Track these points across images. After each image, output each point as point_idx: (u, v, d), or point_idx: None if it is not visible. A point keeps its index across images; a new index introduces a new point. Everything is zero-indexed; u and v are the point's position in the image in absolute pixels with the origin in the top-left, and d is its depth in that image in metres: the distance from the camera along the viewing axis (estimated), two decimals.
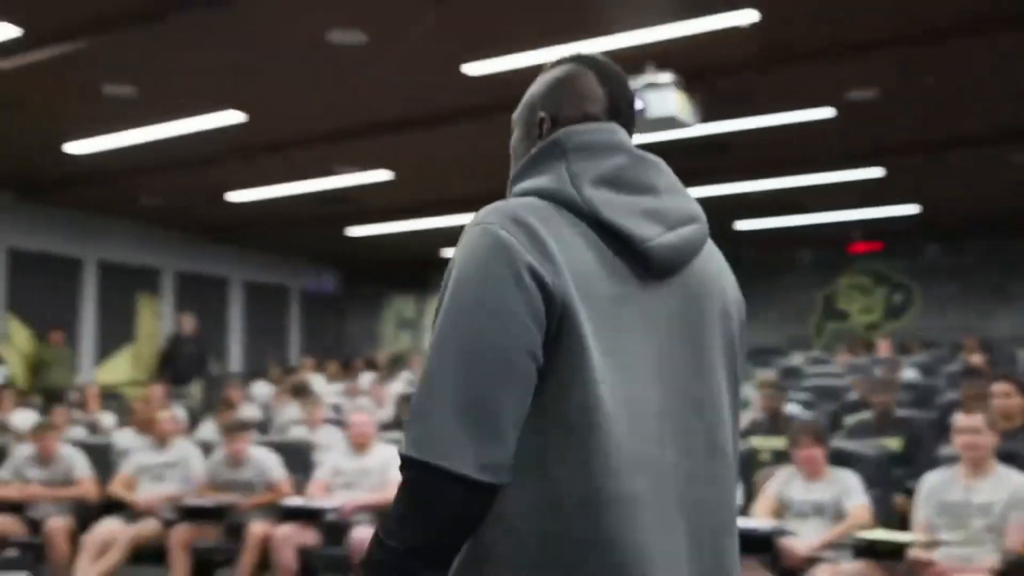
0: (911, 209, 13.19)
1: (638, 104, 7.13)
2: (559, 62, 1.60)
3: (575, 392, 1.28)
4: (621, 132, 1.50)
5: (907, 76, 7.95)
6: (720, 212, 13.27)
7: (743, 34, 6.91)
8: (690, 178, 10.89)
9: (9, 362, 11.40)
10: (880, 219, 13.71)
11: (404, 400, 8.64)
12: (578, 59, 1.58)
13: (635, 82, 7.28)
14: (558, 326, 1.29)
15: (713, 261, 1.52)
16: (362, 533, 5.39)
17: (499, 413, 1.25)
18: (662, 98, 7.31)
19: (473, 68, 7.62)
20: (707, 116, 7.77)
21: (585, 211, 1.37)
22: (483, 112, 8.73)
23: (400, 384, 11.49)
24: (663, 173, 1.48)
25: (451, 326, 1.29)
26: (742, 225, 14.30)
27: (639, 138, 7.29)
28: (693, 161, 10.59)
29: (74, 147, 9.65)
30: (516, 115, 1.62)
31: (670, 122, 7.47)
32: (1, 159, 10.49)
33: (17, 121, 9.01)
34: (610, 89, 1.54)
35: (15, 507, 6.12)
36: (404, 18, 6.73)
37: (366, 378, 11.34)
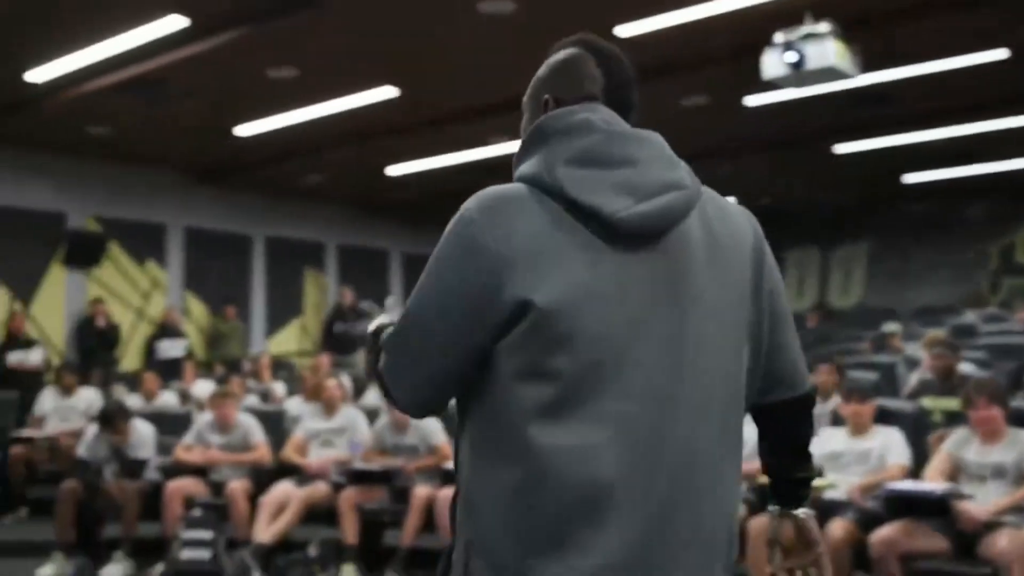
0: None
1: (793, 56, 7.02)
2: (562, 46, 1.68)
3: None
4: (602, 111, 1.56)
5: None
6: (887, 165, 12.77)
7: None
8: (853, 132, 10.61)
9: (188, 335, 12.12)
10: None
11: None
12: (578, 42, 1.66)
13: (792, 33, 7.08)
14: (517, 301, 1.40)
15: (708, 222, 1.53)
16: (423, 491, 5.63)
17: (425, 367, 1.51)
18: (821, 49, 7.09)
19: (625, 30, 7.55)
20: (869, 65, 7.47)
21: (555, 191, 1.45)
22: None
23: None
24: (645, 146, 1.53)
25: (413, 293, 1.51)
26: (910, 178, 13.69)
27: (800, 91, 7.08)
28: (856, 113, 10.22)
29: (243, 130, 10.11)
30: (525, 99, 1.70)
31: (830, 73, 7.25)
32: (179, 145, 11.09)
33: (191, 108, 9.45)
34: (606, 69, 1.62)
35: (199, 470, 6.56)
36: None
37: None
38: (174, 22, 7.19)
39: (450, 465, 1.68)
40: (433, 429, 6.09)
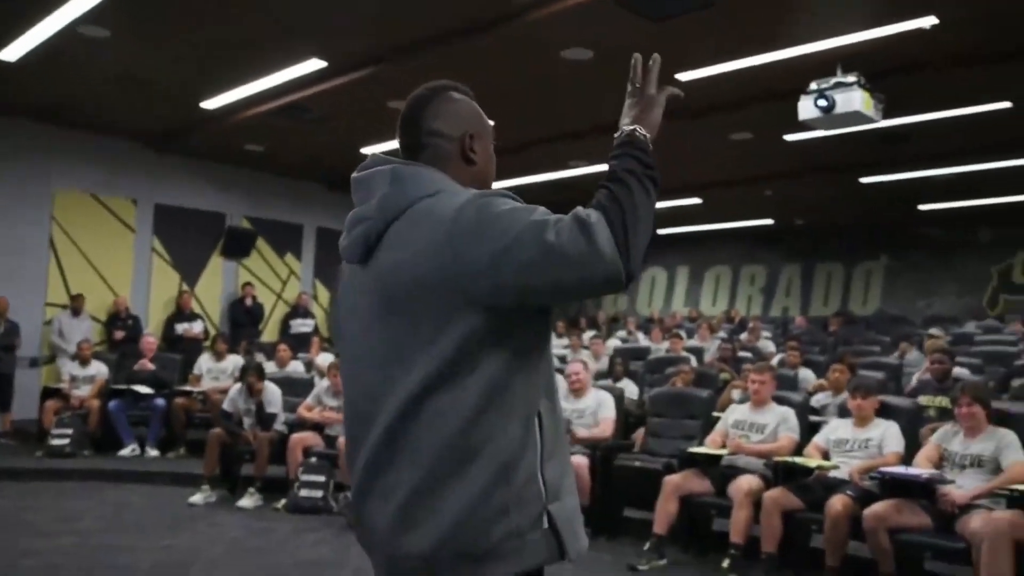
0: None
1: (824, 102, 6.91)
2: None
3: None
4: (367, 160, 1.60)
5: None
6: (905, 195, 12.40)
7: (924, 37, 6.43)
8: (876, 166, 10.36)
9: (316, 316, 12.44)
10: None
11: (618, 354, 8.73)
12: None
13: (824, 82, 6.97)
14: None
15: (398, 241, 1.47)
16: (577, 460, 5.48)
17: None
18: (848, 96, 6.96)
19: (684, 76, 7.52)
20: (890, 111, 7.29)
21: None
22: (691, 113, 8.61)
23: (615, 341, 11.58)
24: (360, 189, 1.57)
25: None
26: (925, 207, 13.28)
27: (829, 133, 6.96)
28: (879, 150, 9.96)
29: (367, 150, 10.31)
30: None
31: (856, 117, 7.12)
32: (314, 161, 11.36)
33: (324, 131, 9.69)
34: (403, 118, 1.62)
35: (317, 426, 6.76)
36: (624, 36, 6.75)
37: (587, 335, 11.49)
38: (315, 64, 7.41)
39: None
40: None
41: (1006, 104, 8.00)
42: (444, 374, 1.40)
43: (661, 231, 15.97)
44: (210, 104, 8.62)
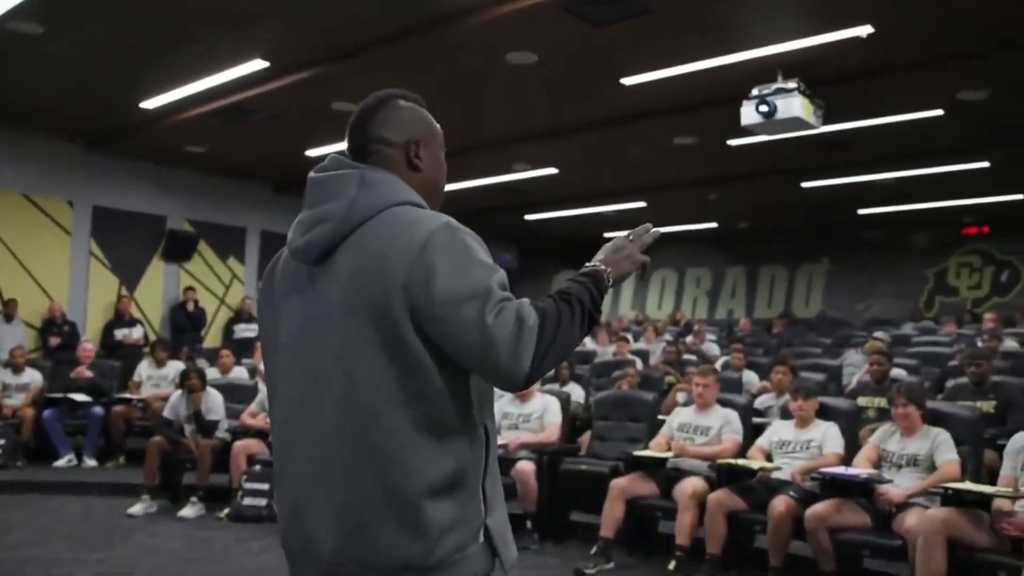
0: (1015, 196, 12.15)
1: (765, 108, 7.03)
2: None
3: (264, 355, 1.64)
4: (329, 159, 1.60)
5: (1014, 76, 7.37)
6: (846, 199, 12.69)
7: (860, 45, 6.58)
8: (817, 171, 10.60)
9: None
10: (988, 204, 12.70)
11: None
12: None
13: (766, 88, 7.09)
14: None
15: (362, 248, 1.46)
16: (524, 466, 5.54)
17: None
18: (788, 102, 7.10)
19: (629, 80, 7.57)
20: (830, 117, 7.45)
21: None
22: (635, 117, 8.70)
23: None
24: (318, 189, 1.56)
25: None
26: (864, 211, 13.61)
27: (770, 137, 7.11)
28: (820, 155, 10.17)
29: (313, 152, 10.21)
30: None
31: (796, 123, 7.26)
32: (258, 163, 11.20)
33: (268, 134, 9.56)
34: (351, 127, 1.63)
35: (261, 433, 6.50)
36: (568, 41, 6.77)
37: None
38: (258, 64, 7.30)
39: None
40: None
41: (938, 112, 8.24)
42: (396, 380, 1.41)
43: (608, 234, 16.09)
44: (150, 104, 8.42)
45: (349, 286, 1.45)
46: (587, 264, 1.60)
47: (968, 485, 3.97)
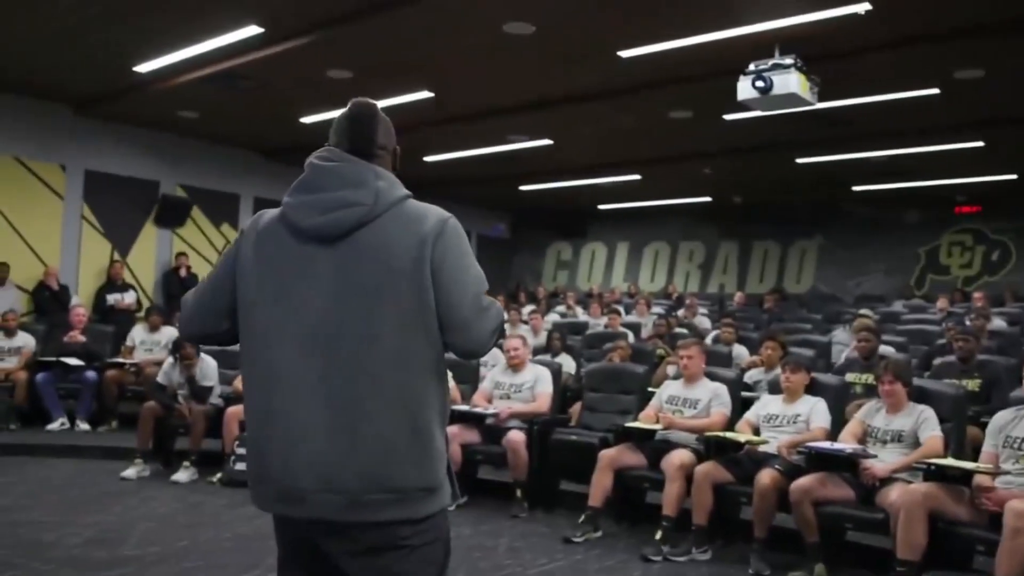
0: (1009, 176, 12.22)
1: (761, 83, 7.00)
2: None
3: (247, 322, 1.74)
4: (324, 151, 1.79)
5: (1011, 57, 7.36)
6: (840, 175, 12.70)
7: (858, 22, 6.55)
8: (812, 147, 10.59)
9: None
10: (981, 183, 12.74)
11: (556, 329, 8.79)
12: (350, 105, 1.88)
13: (763, 64, 7.05)
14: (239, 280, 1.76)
15: (387, 230, 1.69)
16: (514, 435, 5.60)
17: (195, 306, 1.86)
18: (785, 78, 7.05)
19: (627, 52, 7.53)
20: (826, 94, 7.44)
21: (280, 211, 1.76)
22: (632, 90, 8.66)
23: (554, 315, 11.64)
24: (329, 176, 1.74)
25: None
26: (858, 188, 13.63)
27: (766, 113, 7.05)
28: (815, 131, 10.16)
29: (307, 119, 10.15)
30: None
31: (792, 99, 7.21)
32: (252, 129, 11.13)
33: (261, 100, 9.49)
34: (348, 122, 1.83)
35: None
36: (566, 12, 6.72)
37: (527, 309, 11.53)
38: (252, 30, 7.23)
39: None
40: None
41: (934, 91, 8.23)
42: (403, 340, 1.66)
43: (602, 206, 16.10)
44: (143, 68, 8.34)
45: (380, 256, 1.66)
46: None
47: (950, 461, 4.03)
